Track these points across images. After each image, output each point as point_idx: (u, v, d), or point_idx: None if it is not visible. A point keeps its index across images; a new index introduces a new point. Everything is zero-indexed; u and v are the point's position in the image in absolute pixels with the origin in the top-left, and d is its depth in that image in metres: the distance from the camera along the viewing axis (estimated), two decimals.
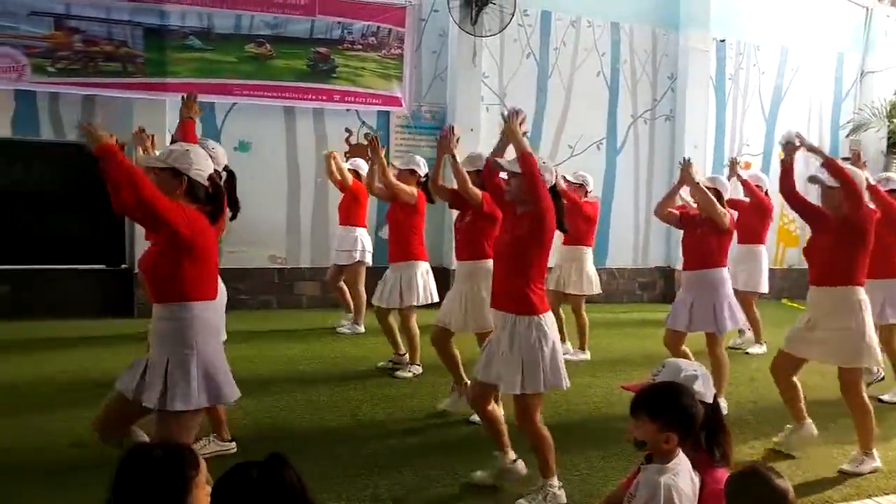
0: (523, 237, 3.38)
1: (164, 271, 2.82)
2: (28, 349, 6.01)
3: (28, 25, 6.99)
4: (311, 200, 8.14)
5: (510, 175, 3.47)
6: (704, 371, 2.39)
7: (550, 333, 3.37)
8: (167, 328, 2.84)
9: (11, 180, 7.14)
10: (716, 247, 4.88)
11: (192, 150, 2.98)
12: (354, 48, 8.04)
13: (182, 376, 2.78)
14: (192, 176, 2.90)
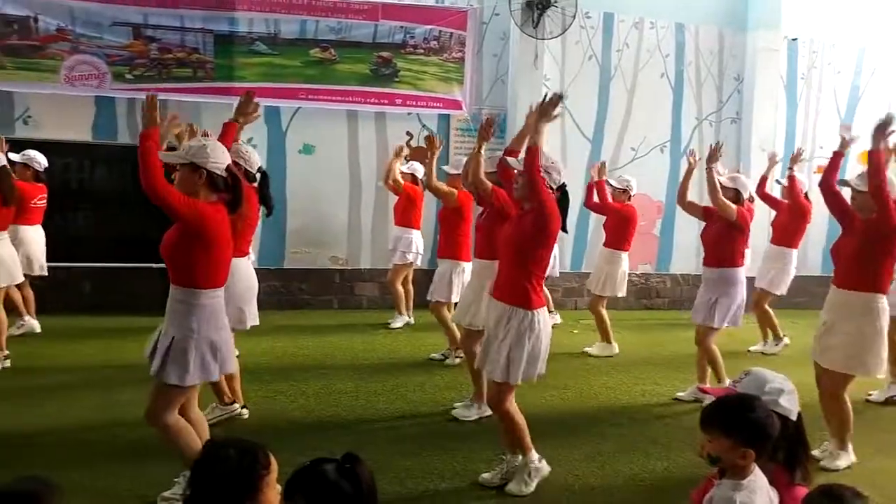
0: (525, 234, 3.49)
1: (178, 257, 3.09)
2: (107, 339, 6.36)
3: (110, 35, 7.33)
4: (371, 203, 8.26)
5: (518, 172, 3.60)
6: (791, 386, 2.25)
7: (538, 329, 3.49)
8: (177, 309, 3.11)
9: (92, 183, 7.51)
10: (727, 243, 4.87)
11: (209, 144, 3.19)
12: (416, 52, 8.12)
13: (181, 355, 3.06)
14: (210, 168, 3.11)
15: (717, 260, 4.97)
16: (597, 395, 5.45)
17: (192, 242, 3.06)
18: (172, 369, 3.06)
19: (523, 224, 3.53)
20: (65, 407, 4.67)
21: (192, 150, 3.13)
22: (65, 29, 7.25)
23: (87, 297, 7.49)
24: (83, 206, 7.47)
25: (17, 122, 7.38)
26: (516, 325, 3.48)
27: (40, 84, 7.27)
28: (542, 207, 3.44)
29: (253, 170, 4.30)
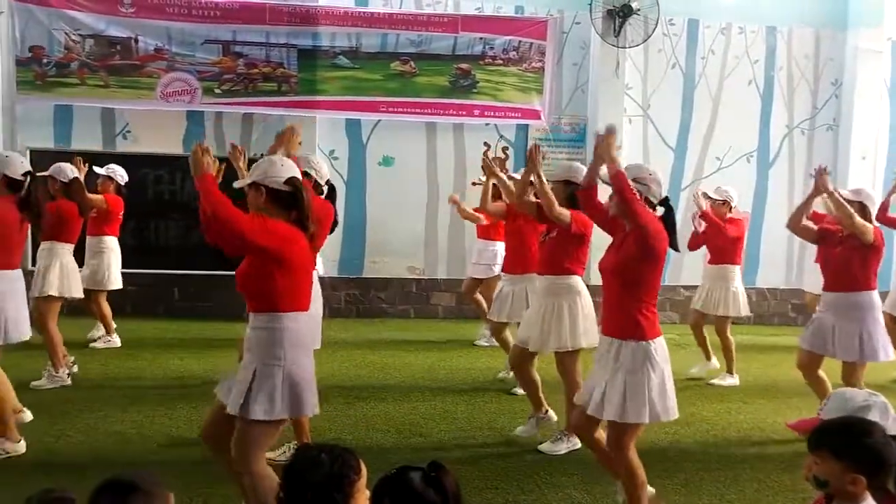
0: (630, 258, 3.18)
1: (255, 285, 2.86)
2: (195, 346, 6.60)
3: (202, 53, 7.68)
4: (448, 214, 8.28)
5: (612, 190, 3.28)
6: (882, 400, 2.08)
7: (659, 361, 3.15)
8: (258, 337, 2.86)
9: (182, 193, 7.85)
10: (859, 266, 4.41)
11: (266, 160, 3.04)
12: (495, 63, 8.13)
13: (266, 387, 2.77)
14: (269, 185, 2.89)
15: (844, 284, 4.47)
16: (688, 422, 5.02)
17: (271, 267, 2.82)
18: (258, 403, 2.75)
19: (626, 248, 3.21)
20: (152, 412, 4.86)
21: (253, 170, 2.98)
22: (162, 48, 7.64)
23: (177, 303, 7.83)
24: (174, 216, 7.81)
25: (118, 137, 7.81)
26: (629, 358, 3.13)
27: (138, 101, 7.69)
28: (645, 228, 3.14)
29: (322, 182, 4.30)
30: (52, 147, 7.61)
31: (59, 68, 7.55)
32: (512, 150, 8.39)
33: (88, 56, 7.58)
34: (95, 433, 4.39)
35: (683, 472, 4.09)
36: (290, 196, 2.91)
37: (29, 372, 5.15)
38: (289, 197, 2.91)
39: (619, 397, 3.10)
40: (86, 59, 7.57)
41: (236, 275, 2.92)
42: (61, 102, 7.63)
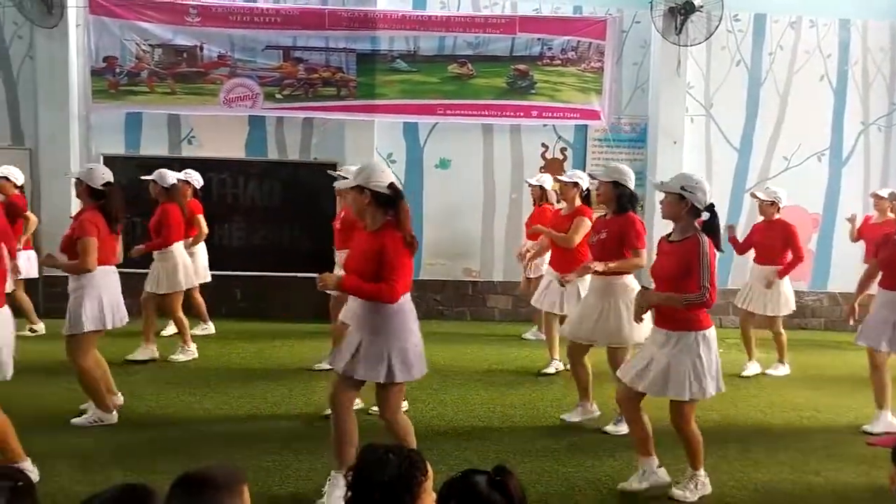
0: (678, 264, 3.56)
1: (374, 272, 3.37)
2: (258, 343, 6.77)
3: (263, 58, 7.86)
4: (504, 216, 8.24)
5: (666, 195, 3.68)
6: None
7: (704, 347, 3.55)
8: (369, 317, 3.43)
9: (244, 197, 8.04)
10: None
11: (370, 166, 3.52)
12: (553, 63, 8.04)
13: (402, 356, 3.42)
14: (373, 188, 3.37)
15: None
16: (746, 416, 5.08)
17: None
18: (397, 369, 3.40)
19: (676, 256, 3.60)
20: (222, 403, 5.00)
21: (359, 176, 3.42)
22: (225, 55, 7.85)
23: (238, 303, 8.02)
24: (236, 219, 8.00)
25: (183, 142, 8.06)
26: (683, 346, 3.55)
27: (203, 107, 7.92)
28: (694, 238, 3.56)
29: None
30: (122, 153, 7.92)
31: (130, 77, 7.84)
32: (570, 152, 8.28)
33: (157, 65, 7.85)
34: (163, 431, 4.52)
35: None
36: (390, 199, 3.39)
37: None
38: (388, 200, 3.39)
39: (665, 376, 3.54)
40: (154, 67, 7.84)
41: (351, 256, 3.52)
42: (132, 110, 7.92)
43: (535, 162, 8.21)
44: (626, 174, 4.44)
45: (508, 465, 1.77)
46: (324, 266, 7.53)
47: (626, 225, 4.43)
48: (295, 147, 8.13)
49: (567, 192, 5.49)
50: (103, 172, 4.63)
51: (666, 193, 3.64)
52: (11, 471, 1.75)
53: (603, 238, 4.50)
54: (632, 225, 4.44)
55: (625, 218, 4.46)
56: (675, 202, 3.59)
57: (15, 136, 7.88)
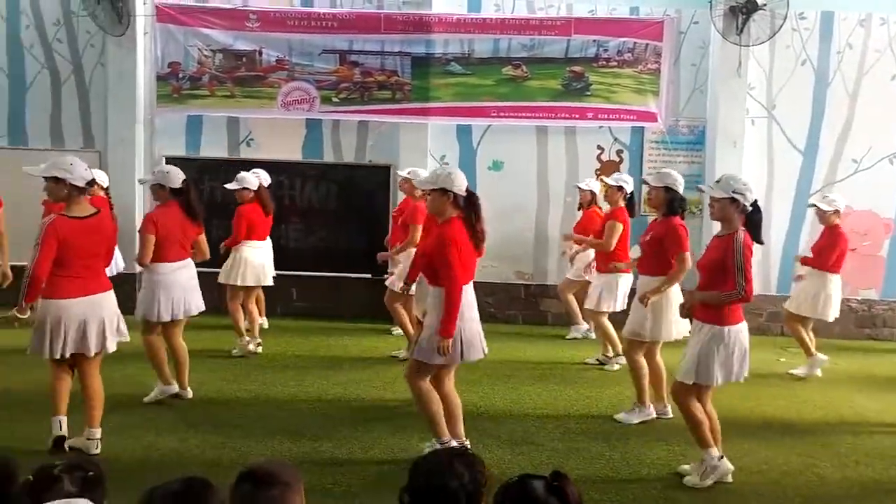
0: (718, 259, 3.82)
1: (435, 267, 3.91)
2: (314, 339, 6.92)
3: (320, 62, 7.99)
4: (559, 218, 8.16)
5: (712, 199, 3.90)
6: None
7: (730, 342, 3.79)
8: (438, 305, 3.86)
9: (301, 199, 8.18)
10: None
11: (453, 171, 3.89)
12: (609, 65, 7.93)
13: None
14: (455, 191, 3.91)
15: None
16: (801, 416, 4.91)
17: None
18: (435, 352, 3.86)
19: (717, 251, 3.86)
20: (280, 400, 5.10)
21: (440, 178, 3.95)
22: (283, 59, 8.01)
23: (295, 302, 8.16)
24: (293, 220, 8.14)
25: (242, 145, 8.26)
26: (711, 336, 3.81)
27: (261, 110, 8.10)
28: (733, 235, 3.82)
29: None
30: (183, 154, 8.15)
31: (192, 82, 8.08)
32: (626, 154, 8.15)
33: (217, 69, 8.07)
34: (222, 426, 4.63)
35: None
36: (467, 201, 3.98)
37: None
38: (466, 201, 3.97)
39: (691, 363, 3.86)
40: (215, 72, 8.06)
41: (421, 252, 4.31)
42: (193, 113, 8.16)
43: (590, 164, 8.11)
44: (676, 179, 4.74)
45: (563, 469, 1.74)
46: (377, 266, 7.71)
47: (670, 229, 4.71)
48: (350, 149, 8.23)
49: (612, 195, 5.83)
50: (179, 172, 5.01)
51: (717, 199, 3.85)
52: (84, 461, 1.82)
53: (647, 239, 4.85)
54: (674, 230, 4.69)
55: (669, 222, 4.72)
56: (727, 206, 3.83)
57: (86, 139, 8.22)
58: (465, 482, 1.75)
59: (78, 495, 1.68)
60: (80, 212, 3.99)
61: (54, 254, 3.82)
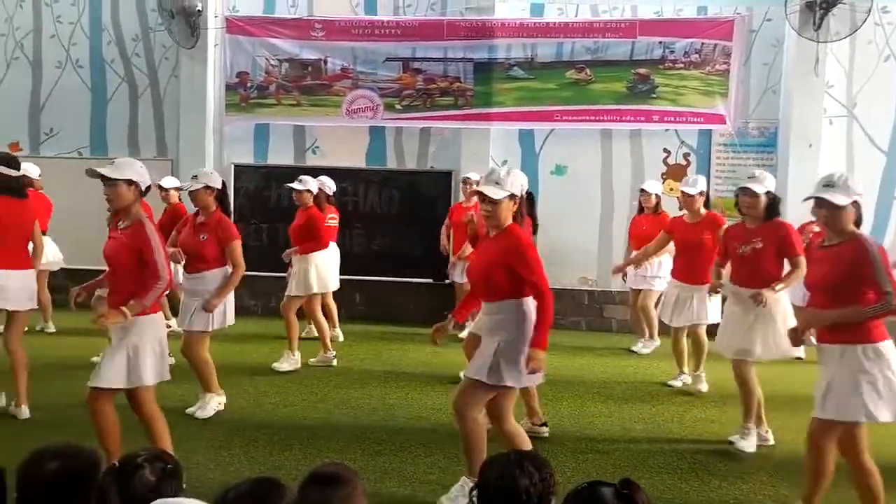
0: (840, 271, 3.17)
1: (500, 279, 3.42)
2: (376, 345, 6.96)
3: (383, 70, 8.09)
4: (624, 223, 7.98)
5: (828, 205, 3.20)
6: None
7: (874, 362, 3.11)
8: (504, 321, 3.42)
9: (365, 205, 8.28)
10: None
11: (514, 172, 3.49)
12: (676, 67, 7.75)
13: (515, 359, 3.35)
14: (517, 192, 3.47)
15: None
16: None
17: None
18: (508, 372, 3.34)
19: (833, 261, 3.21)
20: (340, 404, 5.17)
21: (509, 181, 3.39)
22: (347, 68, 8.15)
23: (358, 306, 8.26)
24: (356, 225, 8.25)
25: (308, 152, 8.43)
26: (848, 360, 3.13)
27: (326, 118, 8.25)
28: (856, 239, 3.19)
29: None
30: (251, 162, 8.39)
31: (259, 91, 8.31)
32: (694, 157, 7.94)
33: (284, 78, 8.27)
34: (288, 428, 4.71)
35: None
36: (530, 202, 3.93)
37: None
38: (529, 203, 3.83)
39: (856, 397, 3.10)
40: (282, 81, 8.27)
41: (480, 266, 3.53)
42: (260, 122, 8.38)
43: (655, 168, 7.94)
44: (773, 181, 4.43)
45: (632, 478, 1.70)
46: (438, 271, 7.73)
47: (784, 232, 4.32)
48: (413, 156, 8.30)
49: (695, 201, 5.43)
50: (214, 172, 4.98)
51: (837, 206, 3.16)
52: (162, 453, 1.88)
53: (759, 247, 4.30)
54: (789, 232, 4.34)
55: (778, 224, 4.35)
56: (849, 212, 3.17)
57: (160, 147, 8.56)
58: (535, 482, 1.76)
59: (156, 485, 1.73)
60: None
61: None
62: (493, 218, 3.41)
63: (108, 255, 3.61)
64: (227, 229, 4.76)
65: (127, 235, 3.54)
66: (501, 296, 3.42)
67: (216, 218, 4.76)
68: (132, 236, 3.52)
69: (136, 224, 3.54)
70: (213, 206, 4.77)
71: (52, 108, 8.65)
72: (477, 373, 3.38)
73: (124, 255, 3.52)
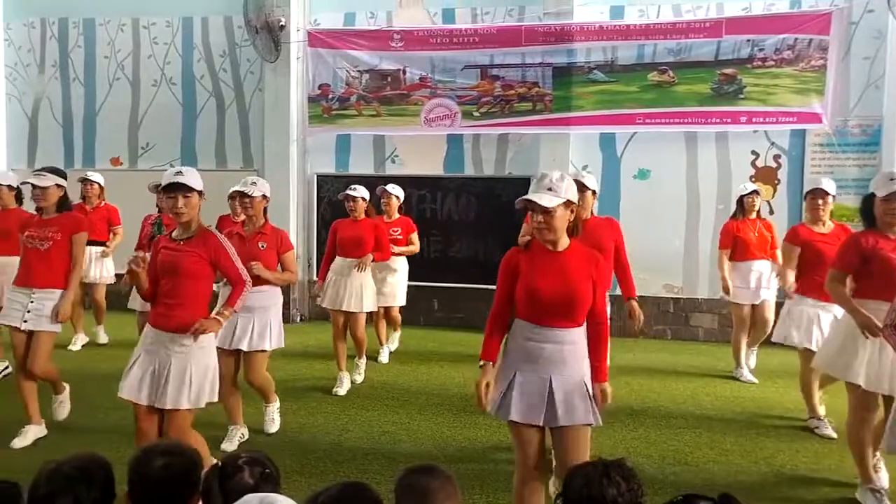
0: None
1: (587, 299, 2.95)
2: (452, 356, 6.88)
3: (462, 78, 8.12)
4: (711, 228, 7.70)
5: None
6: None
7: None
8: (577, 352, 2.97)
9: (442, 212, 8.32)
10: None
11: (569, 179, 3.01)
12: (766, 65, 7.42)
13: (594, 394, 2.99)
14: (574, 199, 2.96)
15: None
16: None
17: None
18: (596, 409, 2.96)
19: None
20: (420, 417, 5.15)
21: (562, 188, 2.91)
22: (426, 77, 8.22)
23: (435, 313, 8.28)
24: (434, 232, 8.29)
25: (387, 161, 8.54)
26: None
27: (405, 128, 8.34)
28: None
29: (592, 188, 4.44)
30: (333, 172, 8.57)
31: (340, 102, 8.48)
32: (785, 159, 7.58)
33: (364, 89, 8.42)
34: (370, 434, 4.75)
35: None
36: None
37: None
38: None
39: None
40: (362, 92, 8.42)
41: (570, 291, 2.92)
42: (341, 132, 8.55)
43: (743, 171, 7.62)
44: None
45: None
46: None
47: None
48: (490, 162, 8.27)
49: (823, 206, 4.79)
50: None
51: None
52: (262, 458, 1.95)
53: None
54: None
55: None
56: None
57: (245, 159, 8.87)
58: (623, 492, 1.72)
59: (253, 487, 1.79)
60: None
61: None
62: (549, 230, 2.87)
63: (170, 267, 3.40)
64: (286, 238, 4.60)
65: (194, 245, 3.43)
66: (581, 320, 2.97)
67: (271, 226, 4.54)
68: (203, 246, 3.43)
69: (205, 233, 3.48)
70: (263, 216, 4.53)
71: (148, 124, 9.12)
72: (586, 418, 2.89)
73: (193, 266, 3.39)
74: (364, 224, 5.65)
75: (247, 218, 4.53)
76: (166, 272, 3.42)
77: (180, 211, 3.39)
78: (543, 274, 2.92)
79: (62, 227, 4.42)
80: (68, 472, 1.83)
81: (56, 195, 4.46)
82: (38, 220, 4.49)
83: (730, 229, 6.09)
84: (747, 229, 6.02)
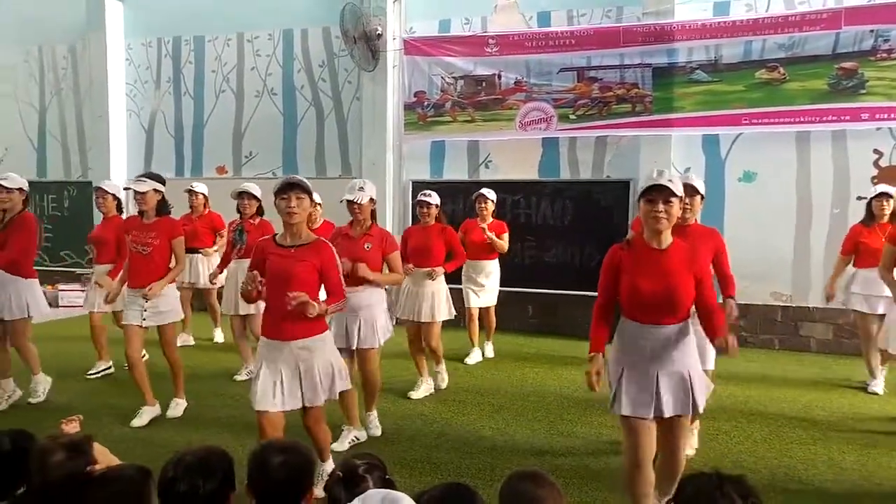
0: None
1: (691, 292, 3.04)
2: (547, 361, 6.79)
3: (557, 81, 8.01)
4: (824, 233, 7.24)
5: None
6: None
7: None
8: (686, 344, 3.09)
9: (537, 217, 8.23)
10: None
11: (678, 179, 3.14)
12: (891, 56, 6.90)
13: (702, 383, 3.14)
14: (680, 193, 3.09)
15: None
16: None
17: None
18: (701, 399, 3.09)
19: None
20: (515, 423, 5.09)
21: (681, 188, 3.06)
22: (521, 81, 8.17)
23: (530, 319, 8.20)
24: (529, 238, 8.21)
25: (481, 167, 8.55)
26: None
27: (499, 132, 8.32)
28: None
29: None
30: (428, 178, 8.65)
31: (435, 109, 8.57)
32: None
33: (459, 95, 8.46)
34: (467, 438, 4.74)
35: None
36: None
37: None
38: None
39: None
40: (457, 98, 8.46)
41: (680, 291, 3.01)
42: (436, 139, 8.63)
43: (864, 171, 7.12)
44: None
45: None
46: None
47: None
48: (587, 166, 8.12)
49: None
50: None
51: None
52: (377, 462, 2.05)
53: None
54: None
55: None
56: None
57: (344, 166, 9.11)
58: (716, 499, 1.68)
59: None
60: None
61: None
62: (668, 219, 2.96)
63: (282, 274, 3.40)
64: (392, 239, 4.61)
65: (306, 253, 3.44)
66: (684, 315, 3.05)
67: (378, 228, 4.55)
68: (316, 255, 3.45)
69: (319, 242, 3.51)
70: (371, 218, 4.52)
71: (251, 134, 9.54)
72: (683, 409, 3.02)
73: (304, 274, 3.40)
74: (432, 231, 5.59)
75: (354, 220, 4.52)
76: (277, 278, 3.42)
77: (293, 211, 3.39)
78: (645, 273, 3.02)
79: (160, 231, 4.83)
80: (189, 462, 1.94)
81: (154, 199, 4.83)
82: (139, 224, 4.88)
83: (853, 234, 5.74)
84: (875, 235, 5.58)
